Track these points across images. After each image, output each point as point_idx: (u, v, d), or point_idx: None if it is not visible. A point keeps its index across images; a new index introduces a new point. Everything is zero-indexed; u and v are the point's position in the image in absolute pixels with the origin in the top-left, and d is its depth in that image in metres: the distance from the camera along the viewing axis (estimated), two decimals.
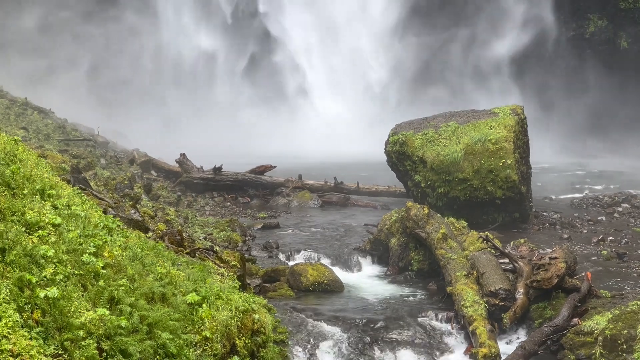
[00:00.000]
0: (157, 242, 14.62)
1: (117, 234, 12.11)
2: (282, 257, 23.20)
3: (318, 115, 57.75)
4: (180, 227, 21.99)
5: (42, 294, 8.27)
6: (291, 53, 59.87)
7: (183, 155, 34.19)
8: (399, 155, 28.13)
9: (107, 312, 8.92)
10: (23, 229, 9.55)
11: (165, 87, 58.96)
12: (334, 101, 58.35)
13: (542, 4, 56.63)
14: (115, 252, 10.64)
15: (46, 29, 54.76)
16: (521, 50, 57.48)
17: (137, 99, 56.34)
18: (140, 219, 18.55)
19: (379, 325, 16.75)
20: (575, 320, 16.53)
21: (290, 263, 22.27)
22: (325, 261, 22.33)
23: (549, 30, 57.22)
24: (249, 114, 57.98)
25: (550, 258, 18.31)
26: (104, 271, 9.87)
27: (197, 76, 60.38)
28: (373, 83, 59.92)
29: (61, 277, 8.90)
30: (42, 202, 10.90)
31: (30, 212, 10.07)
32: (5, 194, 10.26)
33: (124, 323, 9.00)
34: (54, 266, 9.00)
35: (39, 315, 8.19)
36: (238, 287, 14.41)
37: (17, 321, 7.70)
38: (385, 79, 59.63)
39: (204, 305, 10.86)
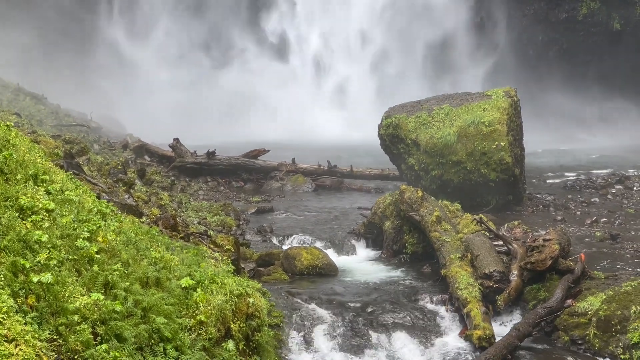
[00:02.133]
0: (151, 227, 14.62)
1: (111, 219, 12.11)
2: (276, 241, 23.20)
3: None
4: (174, 211, 21.97)
5: (36, 279, 8.27)
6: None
7: (176, 139, 34.14)
8: (392, 138, 28.12)
9: (102, 297, 8.93)
10: (16, 214, 9.54)
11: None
12: None
13: None
14: (109, 237, 10.63)
15: None
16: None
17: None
18: (134, 203, 18.53)
19: (373, 308, 16.76)
20: (569, 301, 16.56)
21: (285, 247, 22.28)
22: (320, 245, 22.34)
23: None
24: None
25: (544, 240, 18.33)
26: (98, 256, 9.87)
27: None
28: None
29: (55, 262, 8.90)
30: (36, 187, 10.88)
31: (24, 197, 10.05)
32: None
33: (118, 308, 9.01)
34: (48, 251, 9.00)
35: (34, 300, 8.20)
36: (232, 271, 14.42)
37: (11, 306, 7.70)
38: None
39: (198, 289, 10.88)
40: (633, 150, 46.35)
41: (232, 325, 11.61)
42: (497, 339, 15.58)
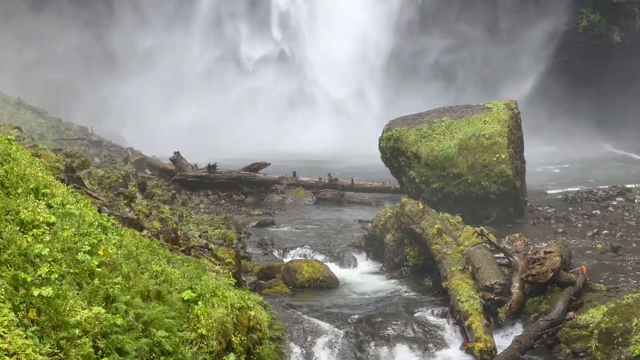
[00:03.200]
0: (152, 240, 14.62)
1: (112, 233, 12.12)
2: (277, 254, 23.18)
3: None
4: (175, 225, 21.97)
5: (37, 293, 8.27)
6: None
7: (177, 153, 34.16)
8: (393, 151, 28.11)
9: (103, 311, 8.92)
10: (17, 228, 9.55)
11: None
12: None
13: None
14: (110, 251, 10.63)
15: None
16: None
17: None
18: (135, 217, 18.53)
19: (374, 320, 16.75)
20: (571, 314, 16.55)
21: (286, 260, 22.25)
22: (320, 257, 22.31)
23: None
24: None
25: (546, 252, 18.32)
26: (99, 269, 9.87)
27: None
28: None
29: (56, 275, 8.90)
30: (37, 201, 10.89)
31: (25, 211, 10.06)
32: None
33: (119, 321, 9.00)
34: (48, 265, 9.00)
35: (34, 314, 8.19)
36: (233, 284, 14.41)
37: (12, 320, 7.70)
38: None
39: (199, 302, 10.87)
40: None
41: (233, 339, 11.61)
42: (499, 351, 15.57)
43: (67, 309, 8.56)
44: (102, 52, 57.50)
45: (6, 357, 7.23)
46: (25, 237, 9.46)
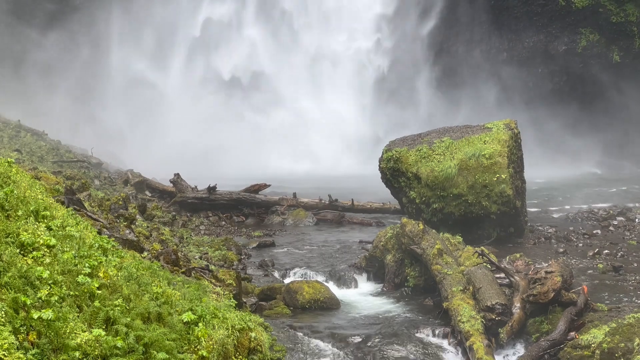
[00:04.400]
0: (152, 262, 14.59)
1: (112, 254, 12.09)
2: (277, 275, 23.17)
3: None
4: (175, 246, 21.95)
5: (37, 316, 8.25)
6: None
7: (177, 175, 34.19)
8: (393, 172, 28.11)
9: (103, 333, 8.90)
10: (17, 250, 9.53)
11: None
12: None
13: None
14: (110, 273, 10.62)
15: None
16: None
17: None
18: (135, 239, 18.51)
19: (375, 341, 16.73)
20: (572, 334, 16.51)
21: (286, 281, 22.24)
22: (321, 278, 22.31)
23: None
24: None
25: (546, 272, 18.31)
26: (100, 291, 9.85)
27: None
28: None
29: (56, 298, 8.88)
30: (37, 223, 10.88)
31: (25, 233, 10.05)
32: None
33: (120, 343, 8.97)
34: (49, 287, 8.98)
35: (35, 336, 8.17)
36: (234, 305, 14.37)
37: (12, 343, 7.68)
38: None
39: (200, 324, 10.84)
40: None
41: None
42: None
43: (68, 331, 8.55)
44: (100, 73, 57.55)
45: None
46: (26, 260, 9.45)
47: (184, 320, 10.73)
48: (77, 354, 8.35)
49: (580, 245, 26.65)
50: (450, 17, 58.70)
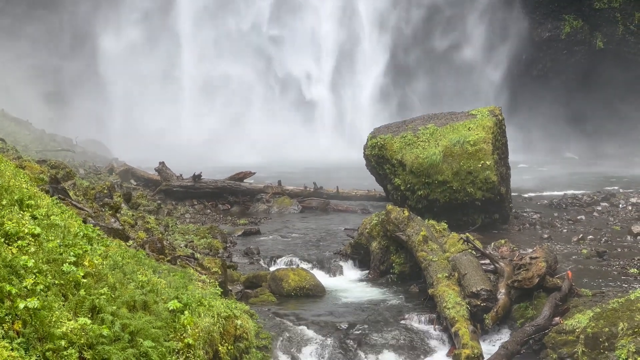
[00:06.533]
0: (137, 251, 14.59)
1: (97, 243, 12.08)
2: (263, 263, 23.16)
3: None
4: (160, 235, 21.92)
5: (22, 305, 8.23)
6: None
7: (162, 163, 34.09)
8: (378, 159, 28.13)
9: (89, 321, 8.89)
10: (2, 239, 9.51)
11: None
12: None
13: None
14: (95, 261, 10.61)
15: None
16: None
17: None
18: (120, 227, 18.49)
19: (361, 328, 16.76)
20: (557, 319, 16.59)
21: (272, 268, 22.24)
22: (307, 266, 22.31)
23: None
24: None
25: (531, 258, 18.38)
26: (85, 280, 9.84)
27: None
28: None
29: (41, 287, 8.87)
30: (21, 212, 10.86)
31: (9, 222, 10.02)
32: None
33: (105, 332, 8.97)
34: (34, 276, 8.97)
35: (20, 326, 8.16)
36: (220, 293, 14.40)
37: None
38: None
39: (185, 312, 10.85)
40: None
41: (220, 348, 11.59)
42: (486, 357, 15.59)
43: (53, 320, 8.54)
44: (85, 60, 57.32)
45: None
46: (10, 249, 9.43)
47: (170, 309, 10.73)
48: (62, 342, 8.34)
49: (565, 231, 26.76)
50: None
